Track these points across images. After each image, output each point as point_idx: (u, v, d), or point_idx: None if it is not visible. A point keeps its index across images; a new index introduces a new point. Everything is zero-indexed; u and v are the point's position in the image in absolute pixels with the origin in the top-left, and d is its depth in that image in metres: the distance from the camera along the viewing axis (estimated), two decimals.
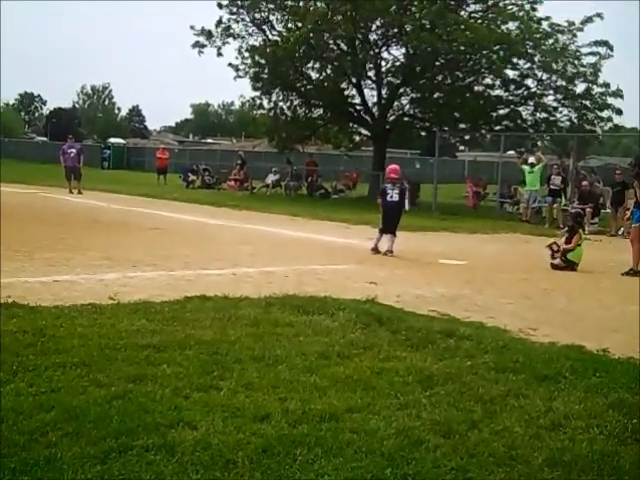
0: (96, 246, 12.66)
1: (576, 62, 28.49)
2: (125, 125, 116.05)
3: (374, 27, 30.07)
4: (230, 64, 31.63)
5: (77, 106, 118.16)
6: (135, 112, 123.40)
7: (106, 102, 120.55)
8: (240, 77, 31.76)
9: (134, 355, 5.79)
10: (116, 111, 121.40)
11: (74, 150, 28.63)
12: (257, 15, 31.16)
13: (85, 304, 7.49)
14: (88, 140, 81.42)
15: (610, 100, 28.52)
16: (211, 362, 5.74)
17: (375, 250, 13.89)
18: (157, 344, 6.11)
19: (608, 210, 22.24)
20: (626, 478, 4.07)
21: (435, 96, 30.99)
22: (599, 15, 28.23)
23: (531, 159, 24.97)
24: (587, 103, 29.10)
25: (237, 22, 31.28)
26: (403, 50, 30.71)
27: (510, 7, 29.71)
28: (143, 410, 4.66)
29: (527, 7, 29.46)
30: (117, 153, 59.27)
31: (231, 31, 31.24)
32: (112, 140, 64.55)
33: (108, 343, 6.06)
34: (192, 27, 31.47)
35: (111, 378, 5.22)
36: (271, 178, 33.94)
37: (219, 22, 31.09)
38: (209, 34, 31.06)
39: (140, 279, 9.69)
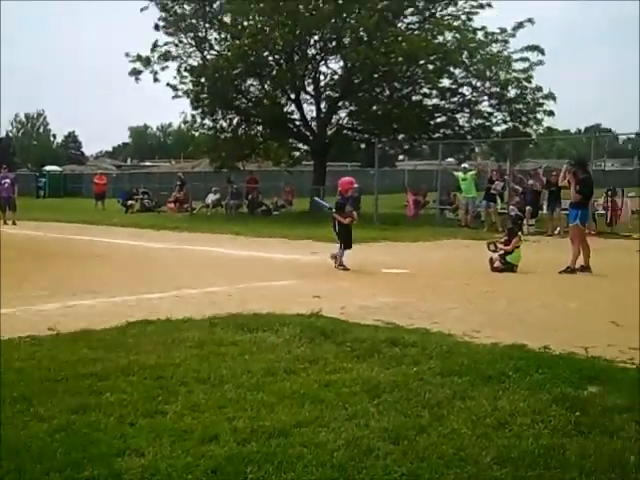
0: (33, 277, 12.40)
1: (509, 68, 29.03)
2: (61, 152, 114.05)
3: (312, 41, 30.21)
4: (168, 84, 31.44)
5: (11, 135, 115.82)
6: (71, 138, 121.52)
7: (41, 129, 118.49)
8: (179, 97, 31.61)
9: (76, 385, 5.69)
10: (51, 138, 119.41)
11: (8, 180, 28.05)
12: (195, 35, 30.98)
13: (23, 337, 7.32)
14: (22, 169, 79.75)
15: (543, 102, 29.19)
16: (156, 386, 5.67)
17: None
18: (99, 372, 6.01)
19: (544, 211, 22.69)
20: (572, 469, 4.14)
21: (374, 108, 31.24)
22: (530, 20, 28.92)
23: (465, 165, 25.42)
24: (520, 107, 29.69)
25: (175, 45, 31.09)
26: (341, 63, 30.93)
27: (447, 18, 30.18)
28: (87, 441, 4.58)
29: (463, 17, 29.96)
30: (53, 181, 58.23)
31: (168, 55, 31.03)
32: (48, 168, 63.23)
33: (48, 375, 5.94)
34: (127, 54, 31.08)
35: (53, 411, 5.11)
36: (211, 198, 33.72)
37: (155, 45, 30.87)
38: (147, 60, 30.79)
39: (80, 307, 9.51)
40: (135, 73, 31.32)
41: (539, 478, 4.06)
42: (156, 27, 30.91)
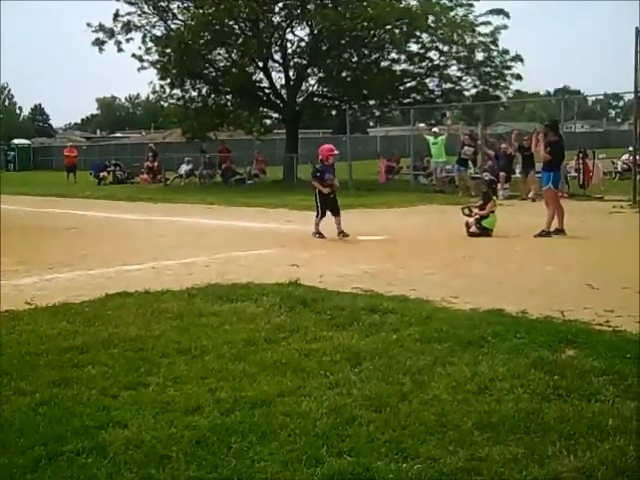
0: (8, 251, 12.23)
1: (474, 32, 29.06)
2: (29, 125, 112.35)
3: (277, 9, 29.91)
4: (134, 55, 31.01)
5: None
6: (38, 111, 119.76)
7: (6, 102, 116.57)
8: (144, 68, 31.22)
9: (57, 359, 5.68)
10: (17, 111, 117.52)
11: None
12: (156, 4, 30.48)
13: (1, 311, 7.28)
14: None
15: (511, 65, 29.33)
16: (137, 358, 5.68)
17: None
18: (80, 345, 6.01)
19: (518, 175, 22.79)
20: (552, 433, 4.20)
21: (343, 74, 31.11)
22: None
23: (435, 129, 25.44)
24: (489, 70, 29.76)
25: (138, 15, 30.54)
26: (307, 30, 30.72)
27: None
28: (70, 414, 4.59)
29: None
30: (23, 154, 57.58)
31: (131, 25, 30.52)
32: (16, 141, 62.19)
33: (28, 349, 5.92)
34: (89, 24, 30.58)
35: (34, 385, 5.11)
36: (184, 168, 33.49)
37: (116, 15, 30.32)
38: (111, 31, 30.30)
39: (58, 281, 9.46)
40: (98, 43, 30.82)
41: (519, 442, 4.11)
42: None
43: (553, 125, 14.37)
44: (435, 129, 25.69)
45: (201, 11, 27.87)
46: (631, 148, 23.27)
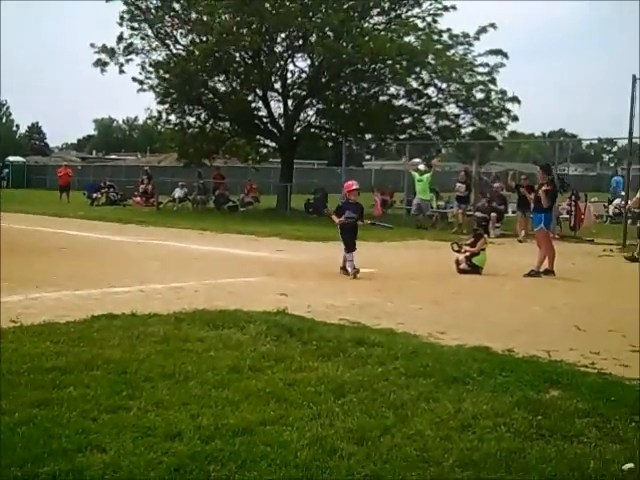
0: None
1: (473, 71, 29.34)
2: (25, 143, 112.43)
3: (279, 39, 30.20)
4: (134, 78, 31.18)
5: None
6: (35, 129, 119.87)
7: (3, 119, 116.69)
8: (144, 91, 31.41)
9: (38, 379, 5.62)
10: (14, 128, 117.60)
11: None
12: (160, 30, 30.78)
13: None
14: None
15: (508, 106, 29.58)
16: (120, 382, 5.63)
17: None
18: (63, 366, 5.95)
19: (512, 214, 22.86)
20: (533, 473, 4.18)
21: (341, 107, 31.33)
22: (492, 25, 29.21)
23: (421, 166, 25.57)
24: (487, 110, 29.98)
25: (141, 38, 30.82)
26: (308, 62, 30.99)
27: (412, 19, 30.34)
28: (49, 435, 4.53)
29: (429, 19, 30.18)
30: (17, 172, 57.53)
31: (133, 47, 30.76)
32: (11, 158, 62.13)
33: (10, 368, 5.86)
34: (92, 45, 30.82)
35: (14, 404, 5.05)
36: (178, 192, 33.54)
37: (120, 38, 30.58)
38: (112, 52, 30.52)
39: (44, 300, 9.40)
40: (100, 64, 31.02)
41: None
42: (121, 19, 30.64)
43: (547, 167, 14.54)
44: (421, 166, 25.78)
45: (205, 38, 28.09)
46: (623, 193, 23.43)
